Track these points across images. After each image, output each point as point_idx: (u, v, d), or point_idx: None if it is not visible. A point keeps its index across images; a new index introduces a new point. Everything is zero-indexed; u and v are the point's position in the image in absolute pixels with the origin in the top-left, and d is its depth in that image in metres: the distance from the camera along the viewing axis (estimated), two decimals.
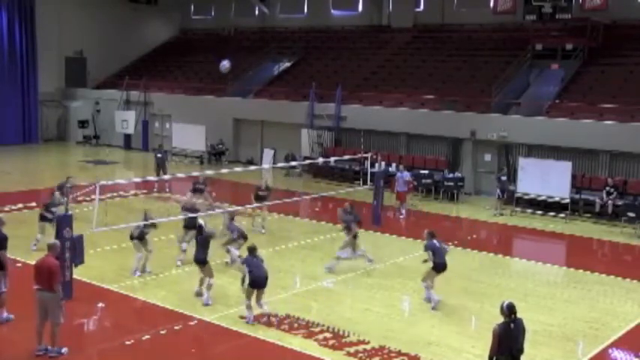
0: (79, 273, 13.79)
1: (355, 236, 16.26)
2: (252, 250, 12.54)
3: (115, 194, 23.86)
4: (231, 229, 15.86)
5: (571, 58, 28.55)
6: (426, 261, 13.80)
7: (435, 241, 13.77)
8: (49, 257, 10.85)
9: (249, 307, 12.34)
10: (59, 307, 10.70)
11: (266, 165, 31.41)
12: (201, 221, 14.34)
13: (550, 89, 28.13)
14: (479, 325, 12.82)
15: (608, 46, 28.54)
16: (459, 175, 26.23)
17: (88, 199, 18.12)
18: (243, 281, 12.29)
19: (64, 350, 10.84)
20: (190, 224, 15.77)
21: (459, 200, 25.61)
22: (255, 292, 12.28)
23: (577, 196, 23.22)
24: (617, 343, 12.28)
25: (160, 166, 26.91)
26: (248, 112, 34.14)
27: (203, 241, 13.56)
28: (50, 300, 10.57)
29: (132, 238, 15.07)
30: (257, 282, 12.20)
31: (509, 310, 8.79)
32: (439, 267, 13.67)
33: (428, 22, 35.46)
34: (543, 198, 23.40)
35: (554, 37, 29.49)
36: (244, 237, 15.75)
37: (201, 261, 13.43)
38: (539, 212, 23.45)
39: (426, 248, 13.75)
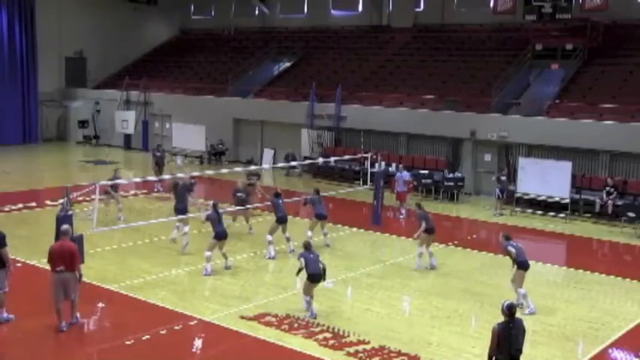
0: None
1: None
2: (307, 246, 13.30)
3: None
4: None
5: (571, 58, 28.54)
6: (516, 265, 13.52)
7: (512, 242, 13.71)
8: (65, 241, 11.71)
9: (309, 303, 12.86)
10: (77, 284, 11.76)
11: (266, 165, 31.42)
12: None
13: (550, 89, 28.11)
14: (479, 325, 12.81)
15: (608, 46, 28.54)
16: (459, 175, 26.23)
17: (88, 199, 18.11)
18: (298, 272, 13.11)
19: (79, 315, 12.01)
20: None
21: (459, 200, 25.59)
22: (313, 285, 12.93)
23: (577, 196, 23.20)
24: (617, 343, 12.27)
25: (159, 165, 26.94)
26: (248, 112, 34.13)
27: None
28: (70, 279, 11.62)
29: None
30: (313, 276, 12.88)
31: (509, 310, 8.79)
32: (525, 265, 13.55)
33: (428, 22, 35.45)
34: (543, 198, 23.39)
35: (554, 37, 29.46)
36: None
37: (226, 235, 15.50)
38: (539, 212, 23.44)
39: (508, 249, 13.57)
